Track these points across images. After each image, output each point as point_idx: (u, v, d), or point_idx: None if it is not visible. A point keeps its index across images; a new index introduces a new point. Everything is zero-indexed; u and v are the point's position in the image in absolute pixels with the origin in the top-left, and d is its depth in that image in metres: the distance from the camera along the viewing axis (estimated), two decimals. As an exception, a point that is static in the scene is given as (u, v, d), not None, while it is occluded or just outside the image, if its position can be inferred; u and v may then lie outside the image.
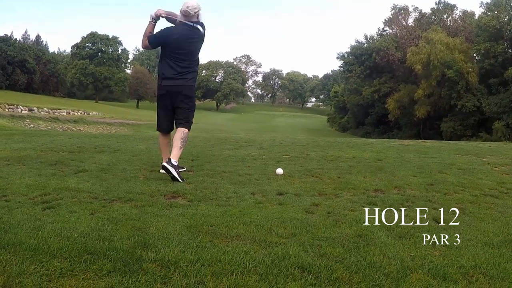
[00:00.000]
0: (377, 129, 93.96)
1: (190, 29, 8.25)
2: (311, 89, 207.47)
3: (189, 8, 8.08)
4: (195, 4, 8.16)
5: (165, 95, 8.47)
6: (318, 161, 10.34)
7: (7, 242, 4.16)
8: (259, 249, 4.23)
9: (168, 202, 6.05)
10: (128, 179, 7.62)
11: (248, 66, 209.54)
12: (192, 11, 8.11)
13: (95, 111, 71.11)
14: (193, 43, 8.30)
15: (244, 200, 6.30)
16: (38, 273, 3.54)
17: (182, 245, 4.22)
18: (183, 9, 8.14)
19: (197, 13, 8.22)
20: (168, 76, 8.33)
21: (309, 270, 3.75)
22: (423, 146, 14.86)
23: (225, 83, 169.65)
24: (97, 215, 5.30)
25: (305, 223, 5.13)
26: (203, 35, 8.41)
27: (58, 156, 10.28)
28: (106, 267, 3.69)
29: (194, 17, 8.22)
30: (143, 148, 12.51)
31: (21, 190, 6.55)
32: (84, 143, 13.72)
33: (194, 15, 8.18)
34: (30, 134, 17.95)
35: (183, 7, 8.13)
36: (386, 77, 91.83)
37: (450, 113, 75.81)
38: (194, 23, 8.25)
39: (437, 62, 72.77)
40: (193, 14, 8.16)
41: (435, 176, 8.52)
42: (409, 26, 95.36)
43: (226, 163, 9.71)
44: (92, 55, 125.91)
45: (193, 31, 8.26)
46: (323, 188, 7.23)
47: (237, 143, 14.69)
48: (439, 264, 3.96)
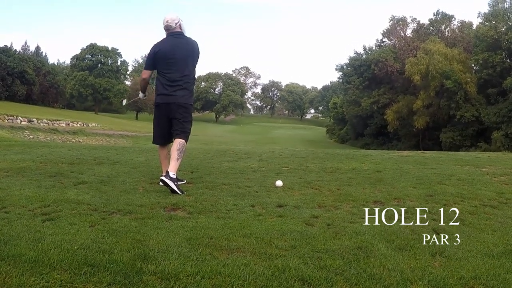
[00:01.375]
0: (376, 140, 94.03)
1: (175, 37, 8.38)
2: (310, 101, 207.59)
3: (169, 22, 8.29)
4: (173, 16, 8.34)
5: (160, 109, 8.58)
6: (318, 173, 10.33)
7: (7, 253, 4.16)
8: (259, 261, 4.23)
9: (168, 215, 6.04)
10: (128, 191, 7.62)
11: (247, 77, 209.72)
12: (172, 23, 8.29)
13: (94, 123, 71.21)
14: (179, 48, 8.33)
15: (244, 212, 6.30)
16: (38, 285, 3.55)
17: (182, 258, 4.23)
18: (164, 26, 8.36)
19: (178, 23, 8.37)
20: (161, 93, 8.49)
21: (309, 283, 3.75)
22: (422, 157, 14.84)
23: (224, 94, 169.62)
24: (97, 227, 5.30)
25: (305, 235, 5.13)
26: (192, 42, 8.52)
27: (57, 168, 10.28)
28: (106, 279, 3.69)
29: (177, 28, 8.37)
30: (143, 160, 12.51)
31: (20, 201, 6.56)
32: (83, 154, 13.72)
33: (176, 26, 8.34)
34: (30, 146, 17.95)
35: (164, 23, 8.34)
36: (385, 88, 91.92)
37: (449, 123, 75.92)
38: (180, 33, 8.42)
39: (436, 73, 72.89)
40: (175, 26, 8.32)
41: (434, 187, 8.52)
42: (408, 37, 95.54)
43: (225, 175, 9.70)
44: (91, 67, 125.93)
45: (178, 39, 8.39)
46: (323, 200, 7.22)
47: (237, 155, 14.68)
48: (439, 276, 3.97)
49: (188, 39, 8.50)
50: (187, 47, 8.40)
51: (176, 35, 8.39)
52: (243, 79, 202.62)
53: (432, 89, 75.08)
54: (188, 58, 8.37)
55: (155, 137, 8.88)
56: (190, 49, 8.42)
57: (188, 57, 8.37)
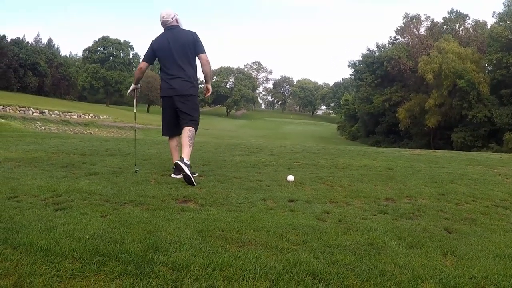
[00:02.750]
0: (387, 138, 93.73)
1: (171, 30, 8.41)
2: (321, 97, 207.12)
3: (165, 17, 8.34)
4: (169, 11, 8.39)
5: (164, 102, 8.67)
6: (329, 168, 10.33)
7: (19, 242, 4.17)
8: (270, 255, 4.22)
9: (179, 206, 6.05)
10: (139, 183, 7.64)
11: (259, 72, 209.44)
12: (168, 18, 8.35)
13: (106, 115, 71.30)
14: (174, 41, 8.32)
15: (256, 206, 6.30)
16: (49, 273, 3.55)
17: (193, 249, 4.23)
18: (161, 21, 8.43)
19: (175, 17, 8.42)
20: (163, 86, 8.61)
21: (320, 277, 3.74)
22: (434, 156, 14.81)
23: (235, 89, 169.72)
24: (108, 218, 5.31)
25: (317, 230, 5.12)
26: (187, 32, 8.45)
27: (69, 159, 10.31)
28: (118, 269, 3.69)
29: (173, 22, 8.41)
30: (154, 152, 12.54)
31: (32, 191, 6.59)
32: (95, 146, 13.75)
33: (172, 20, 8.39)
34: (41, 136, 18.01)
35: (160, 19, 8.41)
36: (397, 86, 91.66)
37: (460, 123, 75.61)
38: (176, 26, 8.45)
39: (449, 72, 72.58)
40: (171, 20, 8.38)
41: (446, 186, 8.49)
42: (421, 35, 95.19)
43: (237, 169, 9.72)
44: (103, 59, 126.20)
45: (173, 32, 8.39)
46: (334, 195, 7.22)
47: (248, 149, 14.69)
48: (451, 274, 3.94)
49: (183, 31, 8.48)
50: (182, 38, 8.36)
51: (172, 28, 8.42)
52: (255, 74, 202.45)
53: (445, 88, 74.80)
54: (184, 48, 8.32)
55: (163, 129, 8.94)
56: (185, 40, 8.34)
57: (184, 48, 8.32)
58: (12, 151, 11.54)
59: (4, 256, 3.83)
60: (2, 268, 3.59)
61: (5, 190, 6.57)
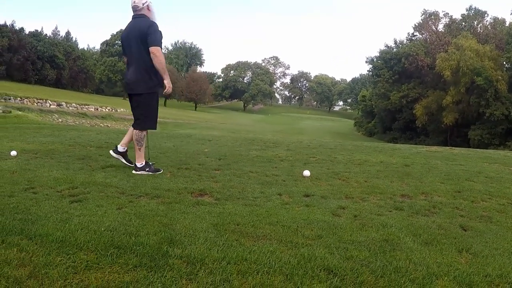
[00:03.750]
0: (404, 135, 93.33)
1: (134, 19, 8.14)
2: (338, 93, 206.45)
3: (136, 2, 7.99)
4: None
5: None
6: (345, 164, 10.32)
7: (34, 233, 4.21)
8: (285, 249, 4.24)
9: (195, 200, 6.08)
10: (155, 176, 7.68)
11: (276, 67, 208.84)
12: (139, 4, 7.98)
13: (123, 108, 71.22)
14: (130, 32, 8.10)
15: (271, 200, 6.32)
16: (64, 264, 3.58)
17: (208, 243, 4.25)
18: (131, 6, 8.05)
19: (146, 4, 8.04)
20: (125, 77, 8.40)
21: (334, 273, 3.74)
22: (450, 153, 14.75)
23: (253, 84, 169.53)
24: (124, 210, 5.35)
25: (332, 226, 5.12)
26: (141, 22, 8.03)
27: (86, 151, 10.37)
28: (132, 261, 3.71)
29: (144, 9, 8.05)
30: (170, 146, 12.57)
31: (49, 183, 6.64)
32: (111, 138, 13.81)
33: (143, 7, 8.02)
34: (58, 129, 18.10)
35: (131, 3, 8.04)
36: (414, 82, 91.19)
37: (478, 121, 75.17)
38: (141, 15, 8.07)
39: (467, 69, 72.17)
40: (141, 7, 8.01)
41: (462, 183, 8.46)
42: (439, 32, 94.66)
43: (253, 163, 9.73)
44: (121, 53, 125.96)
45: (133, 23, 8.12)
46: (350, 191, 7.21)
47: (264, 144, 14.71)
48: (465, 272, 3.93)
49: (142, 21, 8.04)
50: (138, 29, 7.99)
51: (136, 17, 8.11)
52: (272, 69, 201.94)
53: (462, 85, 74.38)
54: (137, 40, 7.96)
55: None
56: (139, 31, 7.95)
57: (137, 40, 7.96)
58: (29, 143, 11.60)
59: (20, 246, 3.86)
60: (18, 258, 3.63)
61: (22, 182, 6.63)
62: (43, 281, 3.30)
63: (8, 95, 43.07)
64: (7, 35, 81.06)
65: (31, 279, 3.32)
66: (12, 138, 12.21)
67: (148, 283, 3.36)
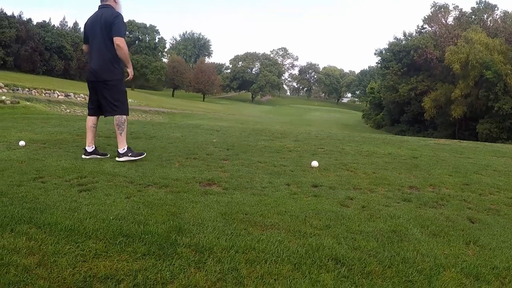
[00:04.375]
0: (412, 128, 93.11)
1: (100, 8, 8.17)
2: (347, 85, 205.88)
3: None
4: None
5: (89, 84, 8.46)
6: (353, 155, 10.32)
7: (43, 221, 4.24)
8: (293, 239, 4.25)
9: (203, 189, 6.10)
10: (164, 165, 7.69)
11: (284, 59, 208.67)
12: None
13: (131, 99, 70.96)
14: (94, 21, 8.11)
15: (279, 190, 6.33)
16: (73, 253, 3.61)
17: (216, 232, 4.27)
18: None
19: None
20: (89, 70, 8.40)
21: (342, 262, 3.76)
22: (458, 146, 14.73)
23: (261, 75, 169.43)
24: (132, 199, 5.37)
25: (340, 216, 5.14)
26: (105, 12, 8.04)
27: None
28: (141, 250, 3.74)
29: (111, 0, 8.16)
30: (179, 136, 12.57)
31: (57, 172, 6.67)
32: (120, 128, 13.81)
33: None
34: (66, 119, 18.11)
35: None
36: (423, 75, 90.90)
37: (486, 114, 74.88)
38: (107, 5, 8.12)
39: (476, 63, 71.93)
40: None
41: (470, 176, 8.44)
42: (449, 25, 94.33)
43: (261, 154, 9.74)
44: (129, 43, 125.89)
45: (99, 12, 8.12)
46: (358, 182, 7.23)
47: (272, 134, 14.70)
48: (473, 264, 3.95)
49: (107, 11, 8.08)
50: (103, 19, 8.00)
51: (102, 7, 8.15)
52: (281, 60, 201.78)
53: (471, 78, 74.13)
54: (102, 30, 7.99)
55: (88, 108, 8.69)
56: (104, 21, 7.97)
57: (102, 30, 7.99)
58: (38, 133, 11.62)
59: (29, 235, 3.90)
60: (27, 247, 3.66)
61: (30, 171, 6.66)
62: (52, 269, 3.32)
63: (16, 86, 43.13)
64: (15, 26, 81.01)
65: (40, 267, 3.34)
66: (21, 129, 12.24)
67: (156, 271, 3.39)
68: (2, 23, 74.75)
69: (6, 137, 10.25)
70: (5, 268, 3.27)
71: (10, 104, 23.89)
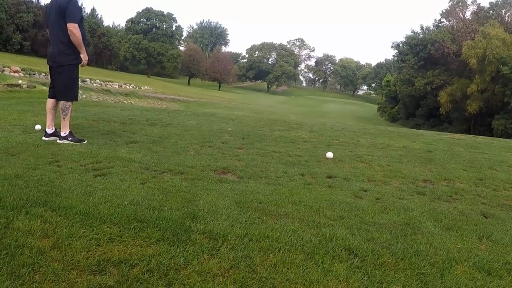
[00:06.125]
0: (427, 122, 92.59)
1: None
2: (363, 77, 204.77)
3: None
4: None
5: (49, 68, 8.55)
6: (368, 148, 10.32)
7: (58, 205, 4.27)
8: (307, 228, 4.27)
9: (218, 177, 6.12)
10: (179, 153, 7.72)
11: (301, 49, 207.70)
12: None
13: (147, 86, 71.27)
14: (51, 6, 8.18)
15: (294, 180, 6.35)
16: (88, 236, 3.64)
17: (230, 219, 4.29)
18: None
19: None
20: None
21: (355, 253, 3.78)
22: (474, 141, 14.69)
23: (277, 65, 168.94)
24: (147, 185, 5.39)
25: (354, 207, 5.15)
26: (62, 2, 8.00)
27: (109, 127, 10.41)
28: (155, 235, 3.76)
29: None
30: (194, 124, 12.59)
31: (73, 156, 6.69)
32: (135, 115, 13.85)
33: None
34: (82, 104, 18.14)
35: None
36: (440, 69, 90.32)
37: (502, 110, 74.31)
38: None
39: (493, 58, 71.39)
40: None
41: (485, 171, 8.44)
42: (466, 19, 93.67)
43: (276, 143, 9.76)
44: (146, 31, 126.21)
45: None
46: (373, 174, 7.24)
47: (288, 124, 14.73)
48: (485, 259, 3.95)
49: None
50: (58, 5, 8.03)
51: None
52: (297, 51, 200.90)
53: (488, 74, 73.59)
54: (57, 16, 8.04)
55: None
56: (59, 7, 8.01)
57: (57, 15, 8.04)
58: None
59: (44, 218, 3.93)
60: (42, 229, 3.69)
61: (46, 155, 6.70)
62: (66, 252, 3.35)
63: (32, 70, 43.02)
64: (32, 11, 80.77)
65: (55, 249, 3.37)
66: (37, 113, 12.27)
67: (170, 257, 3.41)
68: (20, 8, 74.67)
69: (22, 121, 10.28)
70: (19, 249, 3.30)
71: (26, 88, 23.93)
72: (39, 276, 2.99)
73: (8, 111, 12.10)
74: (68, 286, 2.91)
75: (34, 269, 3.06)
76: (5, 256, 3.18)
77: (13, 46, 72.29)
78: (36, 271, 3.04)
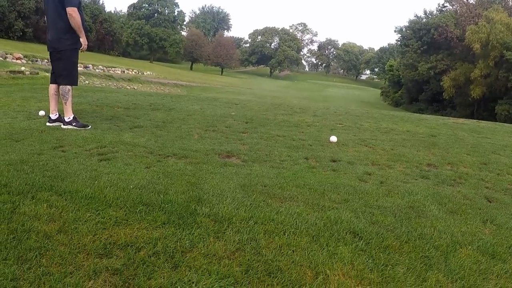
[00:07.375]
0: (430, 107, 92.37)
1: None
2: (366, 61, 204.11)
3: None
4: None
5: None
6: (372, 132, 10.34)
7: (64, 189, 4.28)
8: (311, 211, 4.29)
9: (222, 161, 6.14)
10: (183, 137, 7.73)
11: (304, 34, 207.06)
12: None
13: (149, 71, 71.22)
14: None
15: (298, 164, 6.38)
16: (94, 220, 3.66)
17: (236, 203, 4.31)
18: None
19: None
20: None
21: (360, 236, 3.79)
22: (477, 126, 14.69)
23: (280, 50, 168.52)
24: (152, 169, 5.41)
25: (358, 191, 5.18)
26: None
27: (113, 112, 10.42)
28: (161, 218, 3.78)
29: None
30: (198, 108, 12.60)
31: (77, 141, 6.71)
32: (139, 100, 13.85)
33: None
34: (86, 90, 18.18)
35: None
36: (443, 54, 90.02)
37: (506, 95, 74.13)
38: None
39: (496, 43, 71.13)
40: None
41: (488, 156, 8.44)
42: (470, 4, 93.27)
43: (280, 128, 9.77)
44: (148, 16, 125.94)
45: None
46: (376, 158, 7.25)
47: (291, 109, 14.74)
48: (489, 242, 3.97)
49: None
50: None
51: None
52: (300, 36, 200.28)
53: (491, 59, 73.32)
54: (55, 1, 8.03)
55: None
56: None
57: (55, 1, 8.03)
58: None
59: (50, 202, 3.95)
60: (48, 213, 3.71)
61: (51, 140, 6.72)
62: (72, 235, 3.37)
63: (35, 57, 43.03)
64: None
65: (61, 233, 3.39)
66: (40, 99, 12.27)
67: (176, 240, 3.43)
68: (22, -6, 74.64)
69: (26, 107, 10.30)
70: (26, 234, 3.32)
71: (29, 75, 23.94)
72: (46, 259, 3.00)
73: (11, 98, 12.11)
74: (75, 269, 2.92)
75: (41, 253, 3.07)
76: (12, 240, 3.20)
77: (15, 33, 72.37)
78: (43, 254, 3.06)
